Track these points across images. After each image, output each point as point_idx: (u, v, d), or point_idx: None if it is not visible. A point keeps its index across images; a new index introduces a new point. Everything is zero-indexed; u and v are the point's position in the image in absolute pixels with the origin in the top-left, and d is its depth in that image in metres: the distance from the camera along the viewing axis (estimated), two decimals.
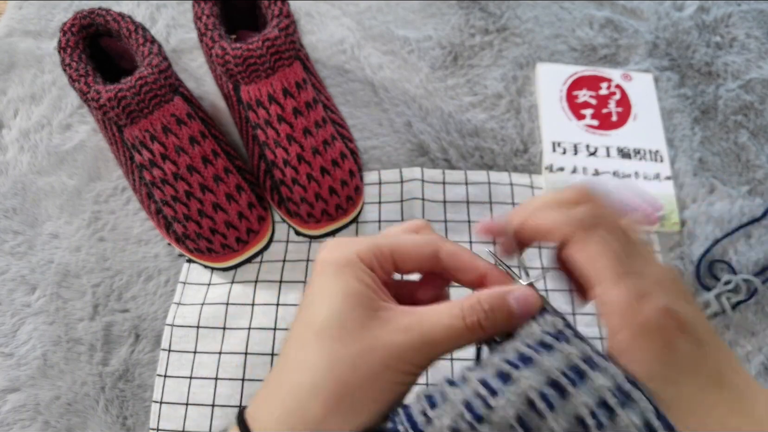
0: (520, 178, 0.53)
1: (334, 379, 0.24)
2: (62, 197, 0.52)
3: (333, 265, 0.26)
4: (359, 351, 0.24)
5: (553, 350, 0.22)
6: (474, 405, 0.21)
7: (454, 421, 0.21)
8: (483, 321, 0.24)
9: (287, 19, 0.44)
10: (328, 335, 0.24)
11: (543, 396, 0.21)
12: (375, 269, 0.26)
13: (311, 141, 0.45)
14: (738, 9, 0.63)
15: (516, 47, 0.60)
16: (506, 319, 0.25)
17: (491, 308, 0.25)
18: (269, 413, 0.25)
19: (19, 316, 0.47)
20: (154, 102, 0.42)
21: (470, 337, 0.25)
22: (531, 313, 0.25)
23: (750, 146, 0.55)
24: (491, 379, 0.22)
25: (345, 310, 0.25)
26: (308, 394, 0.24)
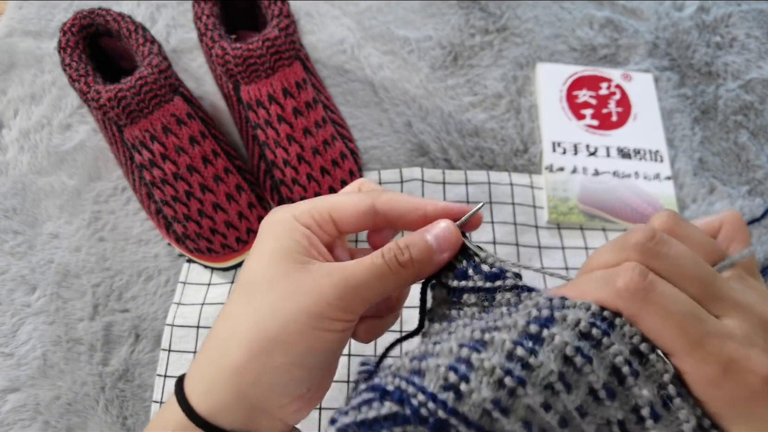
0: (520, 178, 0.53)
1: (254, 325, 0.24)
2: (62, 197, 0.52)
3: (267, 224, 0.27)
4: (279, 297, 0.24)
5: (567, 308, 0.21)
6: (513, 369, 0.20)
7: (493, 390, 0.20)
8: (399, 257, 0.25)
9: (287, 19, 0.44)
10: (251, 287, 0.25)
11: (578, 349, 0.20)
12: (312, 228, 0.27)
13: (311, 141, 0.45)
14: (738, 9, 0.63)
15: (516, 47, 0.60)
16: (424, 254, 0.25)
17: (406, 244, 0.25)
18: (197, 369, 0.26)
19: (19, 316, 0.47)
20: (154, 102, 0.42)
21: (394, 276, 0.25)
22: (450, 248, 0.25)
23: (750, 146, 0.55)
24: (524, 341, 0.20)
25: (270, 264, 0.25)
26: (228, 341, 0.25)
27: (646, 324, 0.20)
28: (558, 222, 0.51)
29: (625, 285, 0.20)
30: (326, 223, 0.27)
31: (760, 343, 0.20)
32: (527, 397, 0.20)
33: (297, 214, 0.27)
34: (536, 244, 0.50)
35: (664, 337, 0.20)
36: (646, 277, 0.20)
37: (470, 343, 0.21)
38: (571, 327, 0.21)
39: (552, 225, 0.51)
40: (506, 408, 0.19)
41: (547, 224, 0.51)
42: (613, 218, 0.51)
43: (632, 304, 0.20)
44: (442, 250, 0.25)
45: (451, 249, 0.26)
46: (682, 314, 0.20)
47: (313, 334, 0.24)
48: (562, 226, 0.51)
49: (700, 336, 0.20)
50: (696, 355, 0.20)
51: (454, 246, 0.26)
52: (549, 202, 0.51)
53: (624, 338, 0.21)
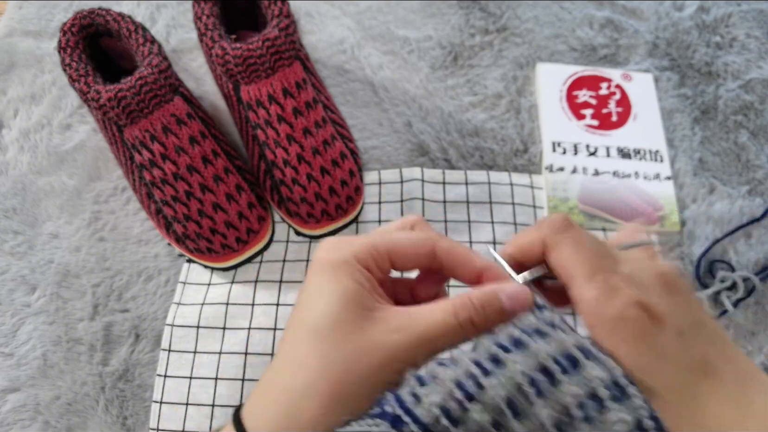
0: (520, 178, 0.53)
1: (329, 380, 0.24)
2: (62, 197, 0.52)
3: (329, 265, 0.26)
4: (353, 352, 0.24)
5: (547, 337, 0.22)
6: (465, 384, 0.21)
7: (444, 399, 0.21)
8: (474, 318, 0.25)
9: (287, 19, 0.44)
10: (323, 335, 0.24)
11: (532, 381, 0.21)
12: (371, 269, 0.26)
13: (311, 141, 0.45)
14: (738, 9, 0.63)
15: (516, 47, 0.60)
16: (498, 316, 0.25)
17: (482, 305, 0.25)
18: (264, 413, 0.25)
19: (19, 316, 0.47)
20: (154, 102, 0.42)
21: (463, 334, 0.25)
22: (522, 310, 0.25)
23: (750, 146, 0.55)
24: (484, 361, 0.22)
25: (340, 310, 0.25)
26: (302, 394, 0.24)
27: (560, 252, 0.25)
28: None
29: (550, 222, 0.26)
30: (384, 262, 0.27)
31: (639, 284, 0.24)
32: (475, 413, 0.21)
33: (358, 255, 0.26)
34: None
35: (572, 264, 0.25)
36: (568, 220, 0.26)
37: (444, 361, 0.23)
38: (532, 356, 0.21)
39: None
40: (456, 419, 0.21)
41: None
42: (613, 218, 0.51)
43: (554, 235, 0.26)
44: (515, 312, 0.25)
45: (522, 311, 0.25)
46: (590, 249, 0.25)
47: (383, 387, 0.24)
48: None
49: (598, 267, 0.24)
50: (592, 282, 0.24)
51: (526, 308, 0.25)
52: (549, 202, 0.51)
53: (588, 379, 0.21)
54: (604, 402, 0.21)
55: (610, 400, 0.21)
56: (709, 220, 0.52)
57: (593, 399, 0.21)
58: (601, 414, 0.21)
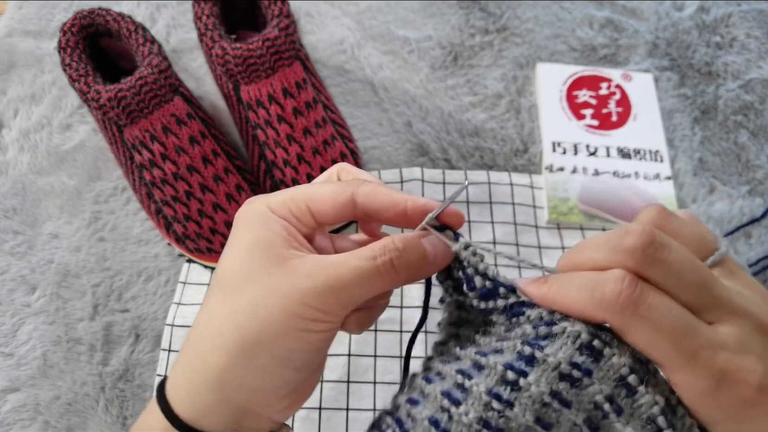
0: (520, 178, 0.53)
1: (234, 327, 0.23)
2: (62, 197, 0.52)
3: (243, 217, 0.26)
4: (259, 297, 0.23)
5: (553, 339, 0.21)
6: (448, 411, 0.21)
7: (478, 412, 0.20)
8: (395, 260, 0.23)
9: (287, 19, 0.44)
10: (231, 285, 0.24)
11: (556, 395, 0.20)
12: (289, 220, 0.25)
13: (311, 141, 0.45)
14: (738, 9, 0.63)
15: (516, 47, 0.60)
16: (420, 261, 0.24)
17: (404, 247, 0.23)
18: (181, 376, 0.25)
19: (19, 316, 0.47)
20: (154, 102, 0.42)
21: (382, 280, 0.23)
22: (444, 259, 0.24)
23: (750, 146, 0.55)
24: (498, 388, 0.20)
25: (248, 258, 0.24)
26: (209, 344, 0.23)
27: (635, 338, 0.20)
28: (558, 222, 0.51)
29: (613, 297, 0.19)
30: (304, 214, 0.26)
31: (756, 350, 0.19)
32: None
33: (273, 205, 0.25)
34: (536, 244, 0.50)
35: (655, 351, 0.20)
36: (635, 289, 0.19)
37: (449, 391, 0.22)
38: (551, 369, 0.20)
39: (552, 225, 0.51)
40: None
41: (547, 224, 0.51)
42: (613, 218, 0.51)
43: (620, 318, 0.20)
44: (436, 261, 0.24)
45: (446, 260, 0.25)
46: (673, 328, 0.19)
47: (296, 335, 0.23)
48: (562, 226, 0.51)
49: (692, 349, 0.19)
50: (689, 369, 0.19)
51: (448, 260, 0.25)
52: (549, 202, 0.51)
53: (611, 370, 0.20)
54: (633, 388, 0.20)
55: (638, 384, 0.20)
56: (709, 220, 0.52)
57: (623, 386, 0.20)
58: (632, 400, 0.20)
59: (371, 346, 0.45)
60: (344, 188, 0.26)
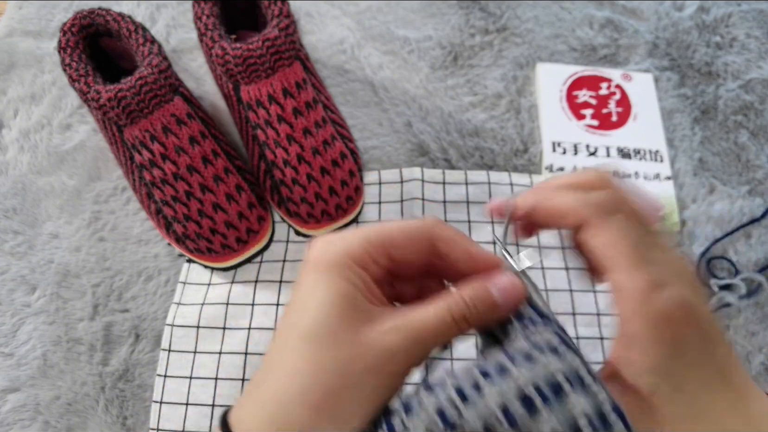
0: (520, 178, 0.53)
1: (321, 385, 0.23)
2: (62, 197, 0.52)
3: (322, 265, 0.25)
4: (347, 356, 0.23)
5: (534, 363, 0.21)
6: (447, 413, 0.21)
7: (428, 429, 0.21)
8: (467, 315, 0.24)
9: (287, 19, 0.44)
10: (316, 340, 0.24)
11: (506, 412, 0.20)
12: (367, 266, 0.25)
13: (311, 141, 0.45)
14: (738, 9, 0.63)
15: (516, 47, 0.60)
16: (490, 311, 0.24)
17: (473, 301, 0.24)
18: (254, 417, 0.24)
19: (19, 316, 0.47)
20: (154, 102, 0.42)
21: (457, 331, 0.24)
22: (515, 303, 0.24)
23: (750, 146, 0.55)
24: (466, 387, 0.21)
25: (333, 314, 0.24)
26: (293, 400, 0.23)
27: (606, 235, 0.24)
28: None
29: (603, 199, 0.25)
30: (381, 257, 0.25)
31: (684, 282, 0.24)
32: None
33: (353, 252, 0.25)
34: (536, 243, 0.50)
35: (616, 250, 0.24)
36: (618, 199, 0.25)
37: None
38: (512, 383, 0.21)
39: None
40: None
41: None
42: None
43: (599, 215, 0.24)
44: (508, 305, 0.25)
45: (515, 305, 0.25)
46: (638, 236, 0.24)
47: (381, 393, 0.24)
48: None
49: (644, 258, 0.23)
50: (635, 273, 0.23)
51: (519, 300, 0.25)
52: None
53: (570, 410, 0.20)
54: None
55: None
56: (709, 220, 0.52)
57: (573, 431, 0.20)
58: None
59: None
60: (421, 229, 0.26)
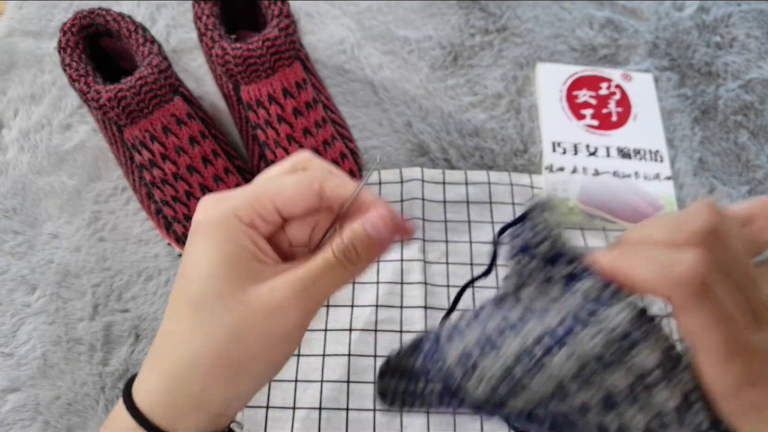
0: (520, 178, 0.53)
1: (212, 350, 0.23)
2: (62, 197, 0.52)
3: (205, 227, 0.24)
4: (236, 318, 0.23)
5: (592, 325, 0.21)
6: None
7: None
8: (348, 255, 0.24)
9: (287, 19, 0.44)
10: (204, 305, 0.24)
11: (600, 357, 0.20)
12: (256, 224, 0.25)
13: (311, 141, 0.45)
14: (738, 9, 0.63)
15: (516, 47, 0.60)
16: (368, 247, 0.24)
17: (351, 241, 0.24)
18: (154, 387, 0.24)
19: (19, 316, 0.47)
20: (154, 102, 0.42)
21: (346, 274, 0.24)
22: (390, 234, 0.25)
23: (750, 146, 0.55)
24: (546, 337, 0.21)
25: (219, 276, 0.23)
26: (188, 367, 0.23)
27: (689, 320, 0.20)
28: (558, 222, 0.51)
29: (688, 276, 0.19)
30: (270, 214, 0.25)
31: None
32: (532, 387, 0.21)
33: (239, 211, 0.24)
34: None
35: (703, 338, 0.20)
36: (709, 273, 0.19)
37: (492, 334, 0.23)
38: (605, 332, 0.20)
39: None
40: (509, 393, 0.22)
41: None
42: (613, 218, 0.51)
43: (685, 297, 0.19)
44: (383, 238, 0.25)
45: (392, 233, 0.25)
46: (728, 321, 0.19)
47: (280, 345, 0.24)
48: (562, 226, 0.51)
49: (738, 347, 0.20)
50: (728, 365, 0.20)
51: (392, 231, 0.25)
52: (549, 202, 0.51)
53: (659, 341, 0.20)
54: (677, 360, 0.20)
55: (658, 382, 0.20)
56: None
57: (667, 358, 0.20)
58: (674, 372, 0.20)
59: (371, 346, 0.45)
60: (310, 181, 0.25)
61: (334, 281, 0.24)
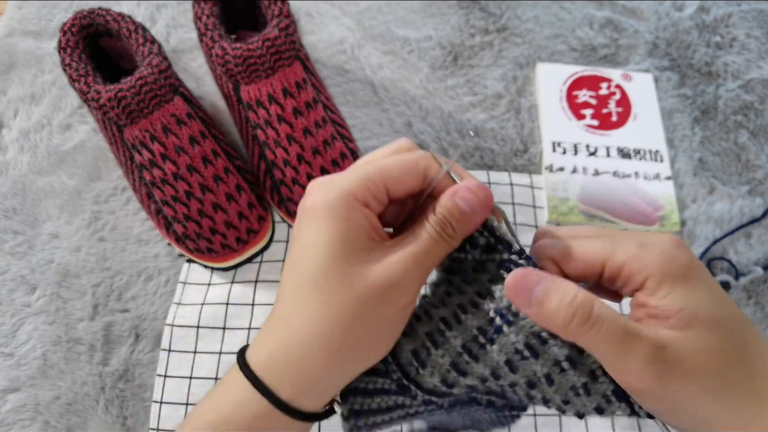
0: (520, 178, 0.53)
1: (338, 330, 0.24)
2: (62, 197, 0.52)
3: (324, 208, 0.25)
4: (359, 296, 0.24)
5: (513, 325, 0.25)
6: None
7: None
8: (447, 229, 0.25)
9: (287, 19, 0.44)
10: (326, 286, 0.24)
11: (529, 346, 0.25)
12: (371, 206, 0.26)
13: (311, 141, 0.45)
14: (738, 9, 0.63)
15: (516, 47, 0.60)
16: (463, 220, 0.25)
17: (448, 213, 0.25)
18: (273, 359, 0.25)
19: (19, 316, 0.47)
20: (154, 102, 0.42)
21: (447, 246, 0.25)
22: (483, 207, 0.25)
23: (750, 146, 0.55)
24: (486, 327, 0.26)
25: (341, 256, 0.24)
26: (313, 346, 0.24)
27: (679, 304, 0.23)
28: (558, 222, 0.51)
29: (669, 252, 0.24)
30: (382, 194, 0.26)
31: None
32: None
33: (356, 192, 0.25)
34: None
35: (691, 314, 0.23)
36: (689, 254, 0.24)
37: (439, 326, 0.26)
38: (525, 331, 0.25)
39: (552, 225, 0.51)
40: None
41: (548, 224, 0.51)
42: (613, 218, 0.51)
43: (672, 278, 0.24)
44: (477, 212, 0.25)
45: (482, 208, 0.26)
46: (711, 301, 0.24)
47: (396, 320, 0.25)
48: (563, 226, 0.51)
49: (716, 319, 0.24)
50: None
51: (484, 204, 0.26)
52: (549, 202, 0.51)
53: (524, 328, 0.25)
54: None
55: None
56: (709, 220, 0.52)
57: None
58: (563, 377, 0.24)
59: None
60: (416, 161, 0.26)
61: (439, 254, 0.25)
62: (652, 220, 0.51)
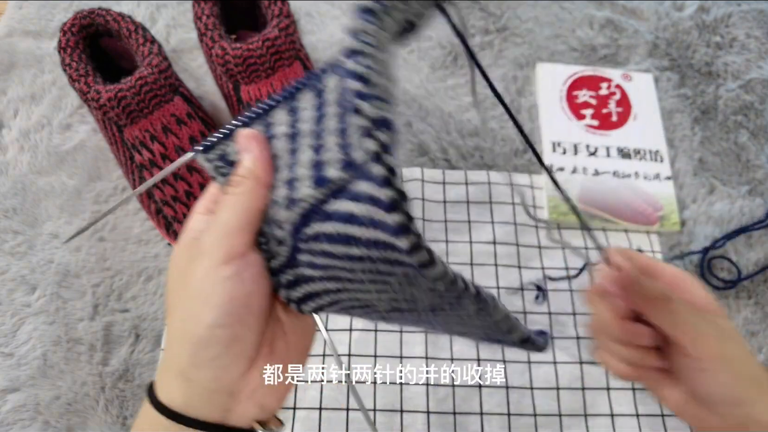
0: (520, 178, 0.53)
1: (180, 326, 0.25)
2: (62, 197, 0.52)
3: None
4: (243, 265, 0.24)
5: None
6: None
7: None
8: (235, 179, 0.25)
9: (287, 19, 0.44)
10: (172, 294, 0.26)
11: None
12: None
13: None
14: (738, 9, 0.63)
15: (516, 47, 0.60)
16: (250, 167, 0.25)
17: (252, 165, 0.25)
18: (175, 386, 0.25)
19: (19, 316, 0.47)
20: (154, 102, 0.42)
21: (260, 190, 0.25)
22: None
23: (750, 146, 0.55)
24: None
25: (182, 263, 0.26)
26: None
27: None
28: (558, 222, 0.51)
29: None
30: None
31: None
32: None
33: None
34: (536, 244, 0.50)
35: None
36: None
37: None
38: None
39: (552, 225, 0.51)
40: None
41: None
42: (613, 218, 0.51)
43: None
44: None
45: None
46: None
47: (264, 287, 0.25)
48: (562, 226, 0.51)
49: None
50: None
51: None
52: (549, 202, 0.51)
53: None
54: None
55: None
56: (709, 220, 0.52)
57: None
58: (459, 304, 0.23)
59: (371, 346, 0.45)
60: None
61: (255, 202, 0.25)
62: (652, 220, 0.51)
